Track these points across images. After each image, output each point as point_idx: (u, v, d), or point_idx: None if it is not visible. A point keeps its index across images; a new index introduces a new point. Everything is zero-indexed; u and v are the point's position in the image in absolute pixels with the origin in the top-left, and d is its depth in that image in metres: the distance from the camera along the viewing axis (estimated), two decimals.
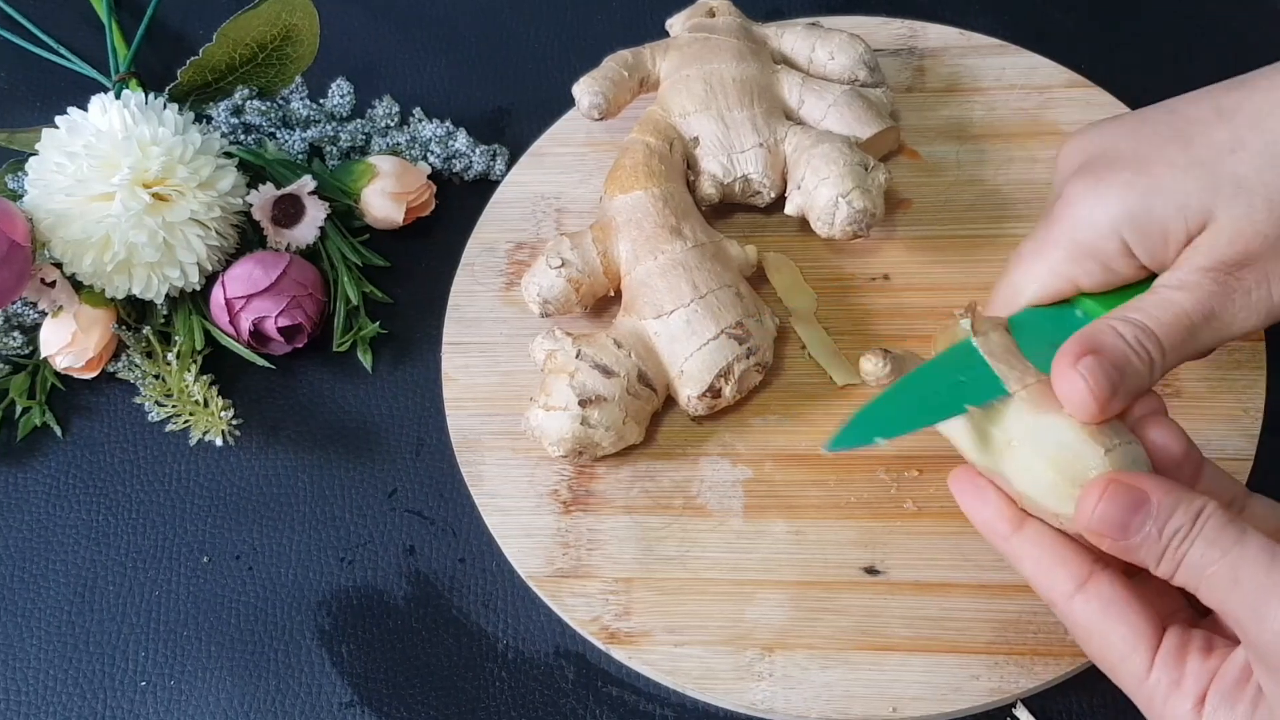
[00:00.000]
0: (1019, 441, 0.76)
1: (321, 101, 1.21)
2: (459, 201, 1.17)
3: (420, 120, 1.20)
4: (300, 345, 1.09)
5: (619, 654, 0.94)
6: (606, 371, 0.96)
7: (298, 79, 1.21)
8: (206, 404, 1.06)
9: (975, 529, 0.80)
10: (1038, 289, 0.84)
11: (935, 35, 1.20)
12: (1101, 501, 0.72)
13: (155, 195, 1.04)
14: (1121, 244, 0.81)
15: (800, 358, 1.04)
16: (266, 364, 1.09)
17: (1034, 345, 0.81)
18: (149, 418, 1.08)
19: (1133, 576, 0.76)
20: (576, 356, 0.96)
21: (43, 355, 1.08)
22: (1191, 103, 0.83)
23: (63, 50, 1.29)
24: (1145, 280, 0.83)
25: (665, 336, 0.98)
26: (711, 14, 1.13)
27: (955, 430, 0.81)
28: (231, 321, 1.06)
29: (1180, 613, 0.77)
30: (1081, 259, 0.82)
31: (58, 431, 1.10)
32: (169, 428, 1.07)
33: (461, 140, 1.18)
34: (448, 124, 1.19)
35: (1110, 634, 0.74)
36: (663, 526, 0.98)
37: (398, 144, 1.19)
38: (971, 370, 0.80)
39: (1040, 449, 0.75)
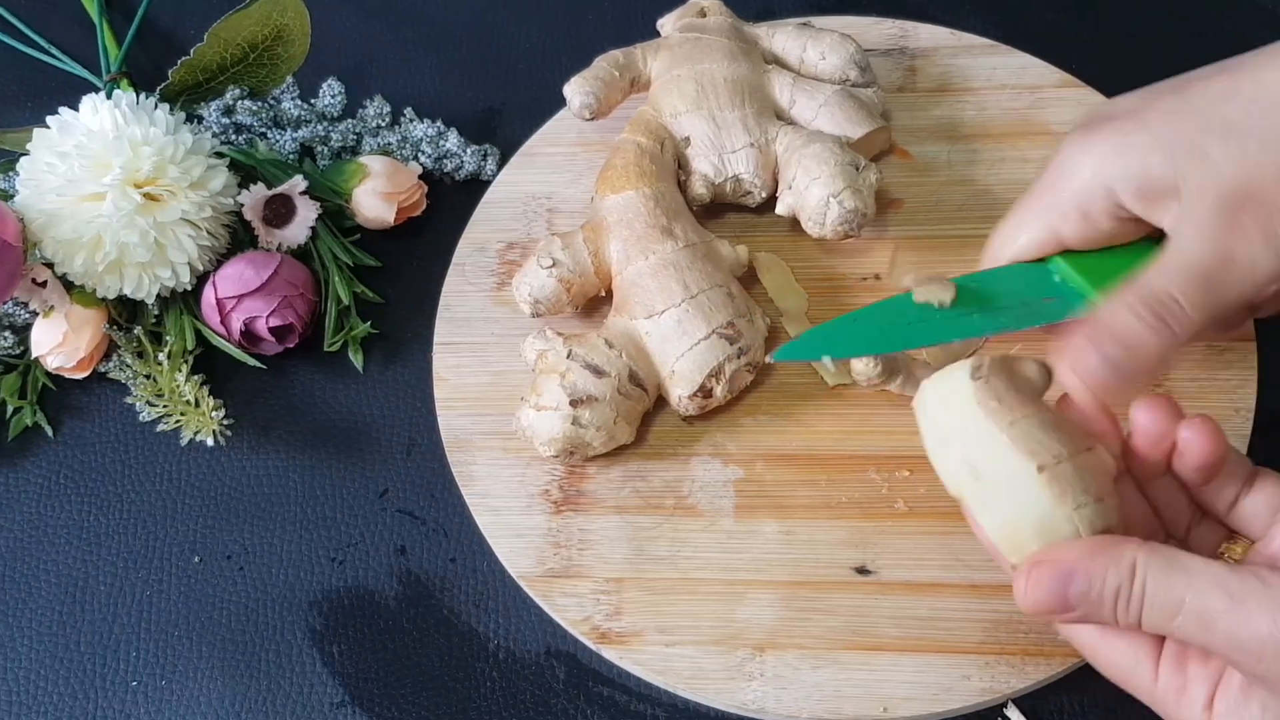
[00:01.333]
0: (990, 478, 0.75)
1: (313, 101, 1.21)
2: (450, 201, 1.17)
3: (411, 120, 1.20)
4: (291, 345, 1.09)
5: (610, 654, 0.94)
6: (598, 371, 0.96)
7: (289, 79, 1.21)
8: (197, 404, 1.06)
9: (964, 530, 0.80)
10: (1024, 240, 0.84)
11: (926, 35, 1.20)
12: (1029, 587, 0.71)
13: (146, 195, 1.04)
14: (1106, 191, 0.80)
15: None
16: (257, 364, 1.09)
17: (1007, 303, 0.83)
18: (140, 418, 1.08)
19: None
20: (568, 356, 0.96)
21: (34, 355, 1.08)
22: (1203, 69, 0.82)
23: (54, 50, 1.29)
24: (1128, 245, 0.83)
25: (656, 336, 0.98)
26: (703, 14, 1.13)
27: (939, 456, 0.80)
28: (223, 321, 1.06)
29: None
30: (1066, 208, 0.82)
31: (49, 431, 1.10)
32: (160, 428, 1.07)
33: (452, 140, 1.18)
34: (439, 124, 1.19)
35: (1112, 651, 0.74)
36: (654, 526, 0.98)
37: (389, 144, 1.19)
38: (936, 312, 0.82)
39: (1011, 498, 0.74)
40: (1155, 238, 0.82)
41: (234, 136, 1.18)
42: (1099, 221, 0.82)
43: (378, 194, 1.12)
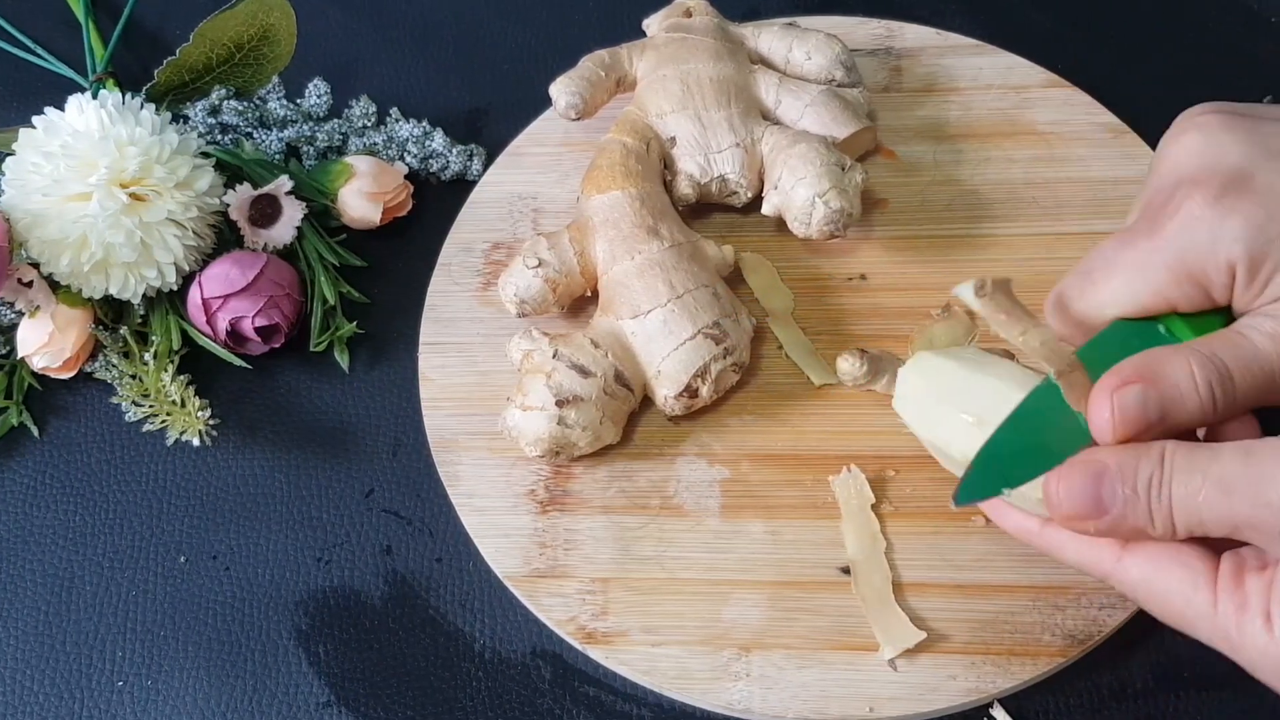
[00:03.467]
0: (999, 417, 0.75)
1: (298, 101, 1.21)
2: (436, 201, 1.17)
3: (397, 120, 1.20)
4: (277, 345, 1.09)
5: (596, 654, 0.94)
6: (583, 371, 0.96)
7: (275, 79, 1.21)
8: (183, 404, 1.06)
9: (950, 530, 0.80)
10: (1131, 305, 0.80)
11: (912, 35, 1.20)
12: (1062, 488, 0.71)
13: (132, 195, 1.03)
14: (1232, 276, 0.76)
15: (777, 358, 1.05)
16: (243, 364, 1.09)
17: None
18: (126, 418, 1.07)
19: None
20: (553, 356, 0.96)
21: (20, 355, 1.08)
22: None
23: (39, 50, 1.29)
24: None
25: (642, 336, 0.98)
26: (688, 14, 1.13)
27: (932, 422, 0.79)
28: (208, 321, 1.06)
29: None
30: (1187, 283, 0.78)
31: (34, 431, 1.09)
32: (146, 428, 1.07)
33: (438, 140, 1.18)
34: (425, 124, 1.19)
35: (1168, 580, 0.72)
36: (640, 526, 0.98)
37: (374, 144, 1.19)
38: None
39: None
40: None
41: (220, 136, 1.18)
42: (1218, 301, 0.78)
43: (363, 194, 1.12)
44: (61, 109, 1.07)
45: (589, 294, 1.04)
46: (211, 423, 1.06)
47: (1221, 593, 0.71)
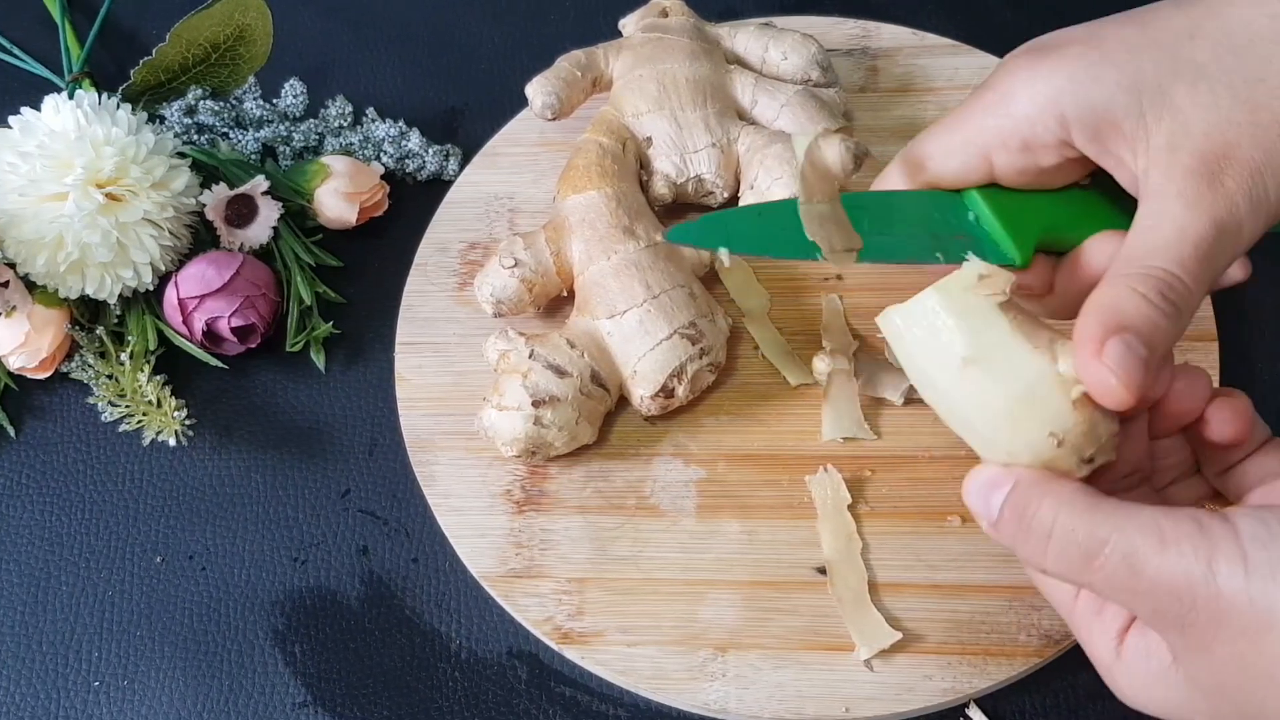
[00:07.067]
0: (981, 365, 0.70)
1: (274, 101, 1.21)
2: (412, 202, 1.17)
3: (373, 120, 1.20)
4: (253, 345, 1.08)
5: (572, 654, 0.94)
6: (559, 371, 0.96)
7: (251, 79, 1.20)
8: (159, 404, 1.06)
9: (926, 530, 0.80)
10: (952, 164, 0.78)
11: (888, 35, 1.20)
12: (972, 480, 0.68)
13: (108, 195, 1.03)
14: (1059, 123, 0.74)
15: (753, 358, 1.05)
16: (219, 364, 1.09)
17: (915, 232, 0.78)
18: (102, 418, 1.07)
19: None
20: (530, 356, 0.96)
21: None
22: (1152, 4, 0.77)
23: (15, 50, 1.29)
24: (1049, 193, 0.78)
25: (618, 336, 0.98)
26: (664, 14, 1.13)
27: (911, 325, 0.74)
28: (185, 322, 1.06)
29: None
30: (1006, 134, 0.76)
31: (11, 432, 1.09)
32: (122, 428, 1.07)
33: (414, 140, 1.17)
34: (401, 124, 1.19)
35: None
36: (616, 527, 0.98)
37: (351, 144, 1.19)
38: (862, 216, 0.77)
39: (1006, 385, 0.67)
40: (1081, 186, 0.79)
41: (196, 136, 1.18)
42: (1040, 156, 0.76)
43: (340, 194, 1.12)
44: (38, 109, 1.07)
45: (565, 294, 1.04)
46: (188, 423, 1.06)
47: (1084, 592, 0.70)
